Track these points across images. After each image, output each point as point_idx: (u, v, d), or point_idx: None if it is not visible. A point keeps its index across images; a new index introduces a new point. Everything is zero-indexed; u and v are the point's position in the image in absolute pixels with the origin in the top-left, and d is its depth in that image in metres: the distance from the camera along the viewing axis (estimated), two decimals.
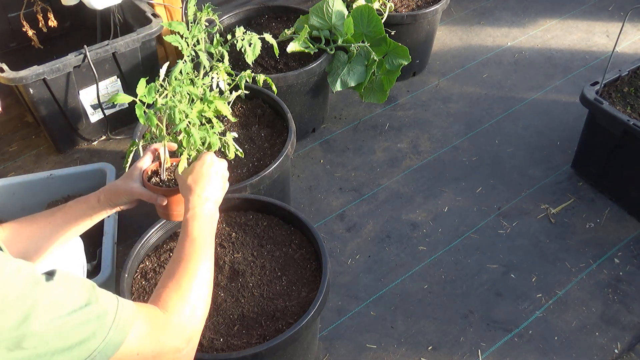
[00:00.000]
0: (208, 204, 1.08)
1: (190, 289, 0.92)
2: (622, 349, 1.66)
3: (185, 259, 0.97)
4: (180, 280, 0.93)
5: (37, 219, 1.12)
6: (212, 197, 1.10)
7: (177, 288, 0.91)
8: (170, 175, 1.26)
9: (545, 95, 2.56)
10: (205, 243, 1.01)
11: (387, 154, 2.30)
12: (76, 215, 1.15)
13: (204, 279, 0.96)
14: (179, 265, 0.96)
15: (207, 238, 1.03)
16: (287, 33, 2.24)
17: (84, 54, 2.06)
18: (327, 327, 1.73)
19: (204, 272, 0.97)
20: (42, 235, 1.11)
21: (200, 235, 1.02)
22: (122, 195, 1.18)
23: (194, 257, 0.97)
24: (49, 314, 0.70)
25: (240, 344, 1.28)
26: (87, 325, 0.73)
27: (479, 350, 1.67)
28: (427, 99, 2.57)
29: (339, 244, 1.97)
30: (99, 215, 1.18)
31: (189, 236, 1.01)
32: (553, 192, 2.12)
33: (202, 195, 1.08)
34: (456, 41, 2.91)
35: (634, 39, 2.86)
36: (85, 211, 1.16)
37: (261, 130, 1.90)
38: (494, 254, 1.92)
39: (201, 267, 0.97)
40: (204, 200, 1.07)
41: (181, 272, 0.94)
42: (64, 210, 1.15)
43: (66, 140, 2.32)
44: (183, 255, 0.97)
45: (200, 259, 0.98)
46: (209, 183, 1.10)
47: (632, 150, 1.88)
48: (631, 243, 1.94)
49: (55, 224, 1.13)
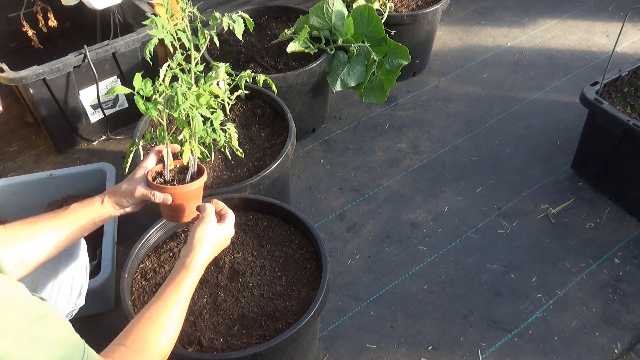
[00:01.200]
0: (203, 269, 1.12)
1: (160, 339, 0.94)
2: (622, 349, 1.66)
3: (165, 307, 0.99)
4: (144, 345, 0.93)
5: (40, 222, 1.12)
6: (208, 262, 1.14)
7: (138, 354, 0.91)
8: (174, 176, 1.26)
9: (545, 95, 2.56)
10: (188, 296, 1.05)
11: (387, 154, 2.30)
12: (79, 219, 1.15)
13: (168, 342, 0.97)
14: (158, 312, 0.98)
15: (190, 292, 1.06)
16: (287, 33, 2.24)
17: (84, 54, 2.06)
18: (327, 327, 1.73)
19: (170, 335, 0.98)
20: (44, 238, 1.11)
21: (187, 290, 1.05)
22: (127, 196, 1.18)
23: (165, 317, 0.99)
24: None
25: (240, 344, 1.28)
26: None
27: (479, 350, 1.67)
28: (427, 99, 2.57)
29: (339, 244, 1.97)
30: (102, 218, 1.18)
31: (178, 288, 1.04)
32: (553, 192, 2.12)
33: (210, 257, 1.13)
34: (456, 41, 2.91)
35: (634, 39, 2.86)
36: (88, 215, 1.16)
37: (261, 130, 1.90)
38: (494, 254, 1.92)
39: (168, 330, 0.98)
40: (203, 267, 1.12)
41: (147, 334, 0.95)
42: (66, 214, 1.14)
43: (66, 140, 2.32)
44: (164, 302, 1.00)
45: (171, 319, 0.99)
46: (214, 252, 1.16)
47: (632, 150, 1.88)
48: (631, 243, 1.94)
49: (57, 227, 1.12)
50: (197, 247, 1.11)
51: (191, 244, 1.11)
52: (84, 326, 0.86)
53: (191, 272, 1.07)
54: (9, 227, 1.09)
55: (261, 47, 2.25)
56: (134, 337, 0.92)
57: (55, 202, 1.93)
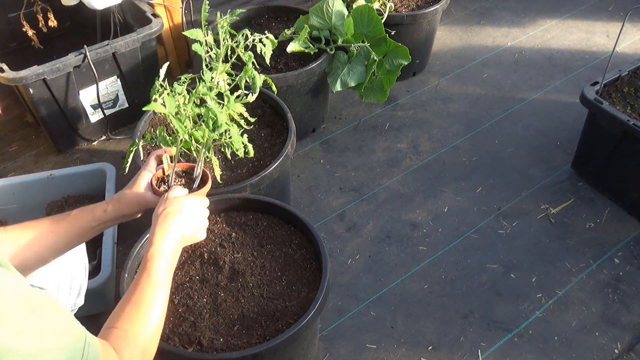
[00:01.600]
0: (172, 242, 1.06)
1: (143, 331, 0.93)
2: (622, 349, 1.66)
3: (141, 299, 0.97)
4: (134, 322, 0.93)
5: (41, 227, 1.11)
6: (178, 234, 1.08)
7: (131, 330, 0.92)
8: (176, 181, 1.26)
9: (545, 95, 2.56)
10: (163, 283, 1.01)
11: (387, 154, 2.30)
12: (80, 226, 1.14)
13: (156, 320, 0.97)
14: (136, 306, 0.96)
15: (166, 277, 1.02)
16: (287, 33, 2.24)
17: (84, 54, 2.06)
18: (327, 327, 1.73)
19: (157, 313, 0.97)
20: (44, 243, 1.11)
21: (160, 275, 1.01)
22: (134, 205, 1.17)
23: (149, 297, 0.97)
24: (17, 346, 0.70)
25: (240, 344, 1.28)
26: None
27: (479, 350, 1.67)
28: (427, 99, 2.57)
29: (339, 244, 1.97)
30: (103, 226, 1.17)
31: (148, 275, 1.00)
32: (553, 192, 2.12)
33: (169, 230, 1.06)
34: (456, 41, 2.91)
35: (634, 39, 2.86)
36: (89, 222, 1.15)
37: (261, 130, 1.90)
38: (494, 254, 1.92)
39: (155, 308, 0.97)
40: (169, 237, 1.05)
41: (136, 314, 0.94)
42: (67, 220, 1.14)
43: (66, 140, 2.32)
44: (139, 295, 0.97)
45: (156, 299, 0.98)
46: (180, 220, 1.08)
47: (632, 150, 1.88)
48: (631, 243, 1.94)
49: (58, 233, 1.12)
50: (155, 221, 1.08)
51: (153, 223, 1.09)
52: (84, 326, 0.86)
53: (156, 249, 1.03)
54: (9, 229, 1.09)
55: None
56: (124, 318, 0.93)
57: (55, 202, 1.93)
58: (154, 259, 1.02)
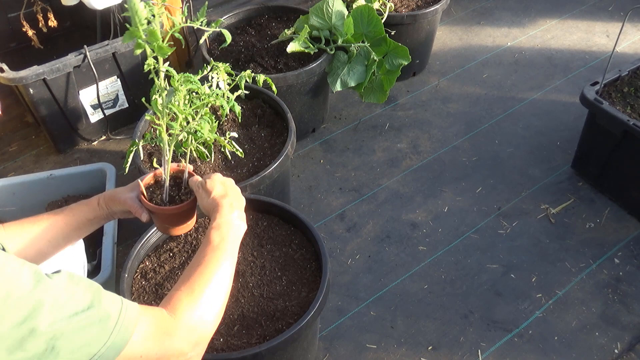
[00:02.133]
0: (235, 214, 1.06)
1: (202, 293, 0.90)
2: (622, 349, 1.66)
3: (203, 264, 0.95)
4: (193, 284, 0.91)
5: (40, 221, 1.11)
6: (238, 206, 1.08)
7: (189, 292, 0.89)
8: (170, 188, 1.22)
9: (545, 95, 2.56)
10: (227, 250, 0.99)
11: (387, 154, 2.30)
12: (78, 219, 1.14)
13: (220, 286, 0.94)
14: (195, 269, 0.94)
15: (229, 246, 1.00)
16: (287, 33, 2.24)
17: (84, 54, 2.06)
18: (327, 327, 1.73)
19: (220, 279, 0.95)
20: (44, 237, 1.11)
21: (222, 243, 0.99)
22: (117, 203, 1.17)
23: (212, 263, 0.95)
24: (52, 315, 0.69)
25: (240, 344, 1.28)
26: (89, 328, 0.73)
27: (479, 350, 1.67)
28: (427, 99, 2.57)
29: (339, 244, 1.97)
30: (99, 219, 1.17)
31: (211, 243, 0.99)
32: (553, 192, 2.12)
33: (231, 205, 1.07)
34: (456, 41, 2.91)
35: (634, 39, 2.86)
36: (86, 214, 1.15)
37: (261, 130, 1.90)
38: (494, 254, 1.92)
39: (218, 274, 0.94)
40: (231, 210, 1.06)
41: (196, 277, 0.92)
42: (65, 213, 1.14)
43: (66, 140, 2.32)
44: (201, 260, 0.96)
45: (219, 265, 0.96)
46: (234, 193, 1.10)
47: (632, 150, 1.88)
48: (631, 243, 1.94)
49: (57, 227, 1.12)
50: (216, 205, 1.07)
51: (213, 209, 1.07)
52: None
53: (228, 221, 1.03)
54: (7, 226, 1.09)
55: (261, 47, 2.25)
56: (187, 281, 0.91)
57: (55, 202, 1.93)
58: (216, 229, 1.01)
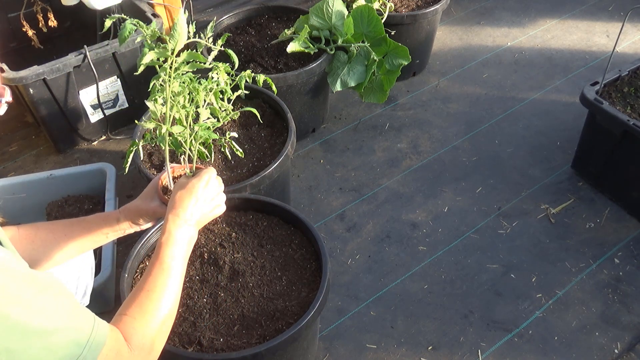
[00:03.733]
0: (187, 227, 1.04)
1: (153, 319, 0.92)
2: (622, 349, 1.66)
3: (153, 287, 0.95)
4: (145, 310, 0.92)
5: (55, 228, 1.13)
6: (193, 219, 1.06)
7: (140, 318, 0.91)
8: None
9: (545, 95, 2.56)
10: (176, 270, 0.99)
11: (387, 154, 2.30)
12: (93, 233, 1.16)
13: (167, 308, 0.95)
14: (147, 294, 0.94)
15: (179, 264, 1.00)
16: (287, 33, 2.24)
17: (84, 54, 2.06)
18: (327, 327, 1.73)
19: (169, 300, 0.96)
20: (56, 245, 1.12)
21: (173, 262, 0.99)
22: (145, 215, 1.17)
23: (161, 285, 0.96)
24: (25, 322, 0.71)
25: (240, 344, 1.28)
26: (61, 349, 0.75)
27: (479, 350, 1.67)
28: (427, 99, 2.57)
29: (339, 244, 1.97)
30: (115, 234, 1.18)
31: (160, 262, 0.98)
32: (553, 192, 2.12)
33: (183, 217, 1.04)
34: (456, 41, 2.91)
35: (634, 39, 2.86)
36: (103, 230, 1.16)
37: (261, 130, 1.90)
38: (494, 254, 1.92)
39: (166, 296, 0.96)
40: (183, 222, 1.03)
41: (147, 302, 0.93)
42: (82, 225, 1.15)
43: (66, 140, 2.32)
44: (151, 282, 0.96)
45: (168, 287, 0.97)
46: (194, 204, 1.06)
47: (632, 150, 1.88)
48: (631, 243, 1.94)
49: (71, 237, 1.13)
50: (174, 207, 1.05)
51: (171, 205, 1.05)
52: None
53: (172, 237, 1.01)
54: (23, 228, 1.10)
55: (261, 47, 2.25)
56: (135, 305, 0.92)
57: (55, 202, 1.93)
58: (166, 246, 1.00)
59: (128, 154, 1.27)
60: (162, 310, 0.94)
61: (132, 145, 1.27)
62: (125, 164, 1.26)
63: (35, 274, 0.76)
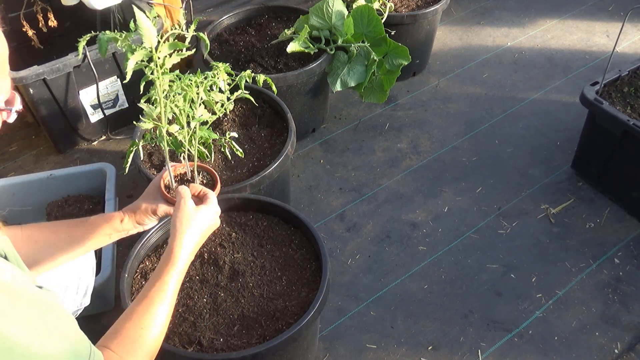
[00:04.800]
0: (189, 256, 1.06)
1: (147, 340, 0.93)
2: (622, 349, 1.66)
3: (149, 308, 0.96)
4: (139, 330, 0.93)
5: (58, 230, 1.13)
6: (196, 247, 1.08)
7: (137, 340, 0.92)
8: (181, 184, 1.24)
9: (545, 95, 2.56)
10: (173, 294, 1.01)
11: (387, 154, 2.30)
12: (96, 234, 1.16)
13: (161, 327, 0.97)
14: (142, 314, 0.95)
15: (176, 287, 1.02)
16: (287, 33, 2.24)
17: (84, 54, 2.06)
18: (327, 327, 1.73)
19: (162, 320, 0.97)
20: (59, 246, 1.12)
21: (172, 286, 1.01)
22: (149, 214, 1.17)
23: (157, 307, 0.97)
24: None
25: (240, 344, 1.28)
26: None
27: (479, 350, 1.67)
28: (427, 99, 2.57)
29: (339, 244, 1.97)
30: (119, 235, 1.18)
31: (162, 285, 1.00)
32: (553, 192, 2.12)
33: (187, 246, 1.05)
34: (456, 41, 2.91)
35: (634, 39, 2.86)
36: (106, 231, 1.16)
37: (261, 130, 1.90)
38: (494, 254, 1.92)
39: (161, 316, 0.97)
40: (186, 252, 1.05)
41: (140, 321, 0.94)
42: (85, 226, 1.15)
43: (66, 140, 2.32)
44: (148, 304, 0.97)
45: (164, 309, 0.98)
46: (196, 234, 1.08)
47: (632, 150, 1.88)
48: (631, 243, 1.94)
49: (74, 238, 1.14)
50: (179, 236, 1.05)
51: (173, 234, 1.06)
52: (84, 326, 0.86)
53: (176, 264, 1.02)
54: (26, 228, 1.10)
55: (261, 47, 2.25)
56: (119, 340, 0.91)
57: (55, 202, 1.93)
58: (170, 272, 1.01)
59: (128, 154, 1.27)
60: (157, 329, 0.95)
61: (132, 145, 1.27)
62: (125, 164, 1.26)
63: (38, 294, 0.75)
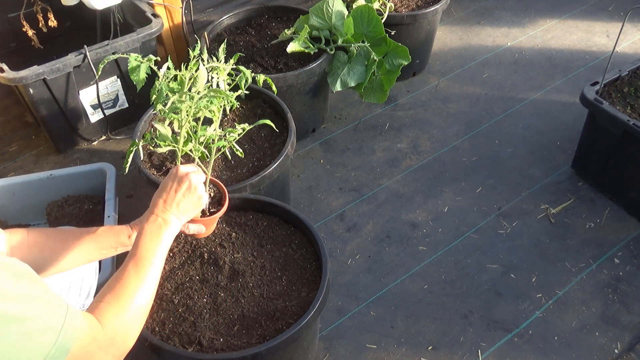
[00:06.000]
0: (160, 220, 1.08)
1: (128, 305, 0.94)
2: (622, 349, 1.66)
3: (126, 276, 0.98)
4: (119, 297, 0.94)
5: (66, 239, 1.14)
6: (168, 212, 1.10)
7: (115, 304, 0.93)
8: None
9: (545, 95, 2.56)
10: (150, 262, 1.02)
11: (387, 154, 2.30)
12: (102, 245, 1.17)
13: (143, 295, 0.98)
14: (121, 282, 0.97)
15: (155, 256, 1.03)
16: (287, 33, 2.24)
17: (84, 54, 2.06)
18: (327, 327, 1.73)
19: (143, 288, 0.98)
20: (65, 255, 1.13)
21: (148, 254, 1.02)
22: None
23: (135, 275, 0.99)
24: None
25: (240, 344, 1.28)
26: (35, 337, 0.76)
27: (479, 350, 1.67)
28: (427, 99, 2.57)
29: (339, 244, 1.97)
30: (125, 249, 1.20)
31: (135, 255, 1.02)
32: (553, 192, 2.12)
33: (155, 211, 1.09)
34: (456, 41, 2.91)
35: (634, 39, 2.86)
36: (112, 244, 1.18)
37: (261, 130, 1.90)
38: (494, 254, 1.92)
39: (140, 284, 0.98)
40: (155, 217, 1.08)
41: (121, 289, 0.96)
42: (92, 237, 1.17)
43: (66, 140, 2.32)
44: (125, 272, 0.99)
45: (141, 276, 0.99)
46: (169, 201, 1.10)
47: (632, 150, 1.88)
48: (631, 243, 1.94)
49: (80, 247, 1.15)
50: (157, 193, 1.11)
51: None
52: None
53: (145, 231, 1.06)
54: (33, 233, 1.11)
55: (261, 47, 2.25)
56: (110, 294, 0.94)
57: (55, 202, 1.93)
58: (138, 239, 1.05)
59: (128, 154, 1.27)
60: (137, 297, 0.96)
61: (132, 145, 1.27)
62: (125, 164, 1.27)
63: (8, 262, 0.77)
